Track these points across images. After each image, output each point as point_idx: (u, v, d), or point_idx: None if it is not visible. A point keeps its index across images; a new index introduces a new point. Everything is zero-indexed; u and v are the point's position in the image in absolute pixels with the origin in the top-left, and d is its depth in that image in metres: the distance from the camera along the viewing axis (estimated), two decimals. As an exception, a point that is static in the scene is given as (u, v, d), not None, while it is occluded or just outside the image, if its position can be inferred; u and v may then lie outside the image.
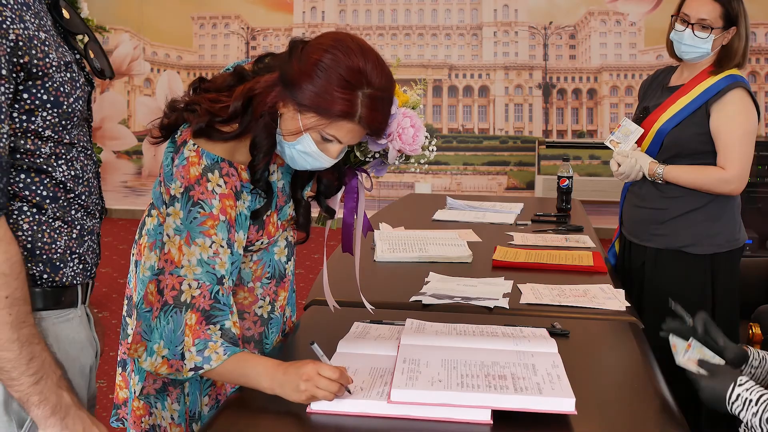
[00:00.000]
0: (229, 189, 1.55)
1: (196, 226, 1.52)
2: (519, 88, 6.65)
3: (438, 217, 3.24)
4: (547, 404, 1.38)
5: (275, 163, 1.66)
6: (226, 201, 1.54)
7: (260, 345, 1.74)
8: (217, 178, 1.53)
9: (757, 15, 6.29)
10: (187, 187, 1.52)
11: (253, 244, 1.65)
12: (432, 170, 6.77)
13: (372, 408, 1.40)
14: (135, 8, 6.65)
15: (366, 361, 1.57)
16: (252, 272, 1.71)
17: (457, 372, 1.47)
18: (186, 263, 1.52)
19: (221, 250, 1.53)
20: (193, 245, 1.52)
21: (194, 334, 1.49)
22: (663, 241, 2.57)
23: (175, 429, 1.69)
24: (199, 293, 1.51)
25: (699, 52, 2.51)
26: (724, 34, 2.49)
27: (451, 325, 1.77)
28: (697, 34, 2.48)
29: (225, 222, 1.54)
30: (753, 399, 1.40)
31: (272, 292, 1.75)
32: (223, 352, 1.48)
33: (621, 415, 1.45)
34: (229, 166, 1.56)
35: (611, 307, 2.02)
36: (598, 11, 6.40)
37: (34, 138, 1.24)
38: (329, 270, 1.89)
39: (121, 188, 7.17)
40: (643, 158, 2.52)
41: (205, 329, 1.50)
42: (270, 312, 1.75)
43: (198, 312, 1.50)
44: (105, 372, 3.96)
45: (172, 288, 1.51)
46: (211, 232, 1.53)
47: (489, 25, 6.64)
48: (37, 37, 1.21)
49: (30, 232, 1.26)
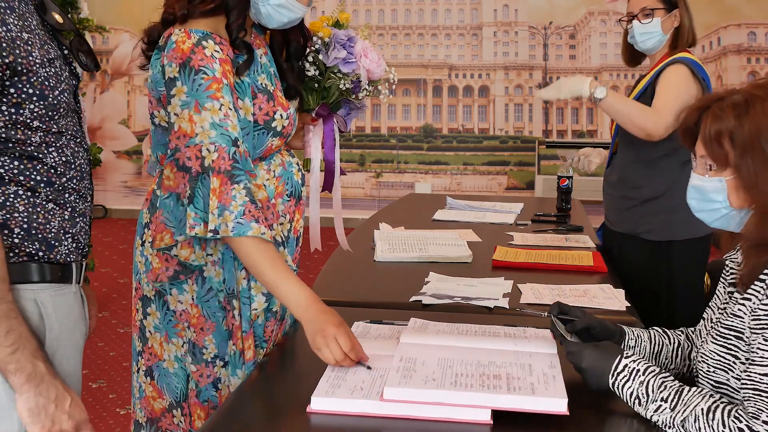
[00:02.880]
0: (225, 55, 1.63)
1: (202, 92, 1.58)
2: (519, 88, 6.66)
3: (438, 217, 3.24)
4: (538, 404, 1.38)
5: (259, 47, 1.77)
6: (225, 65, 1.62)
7: None
8: (213, 45, 1.62)
9: (757, 15, 6.30)
10: (184, 62, 1.60)
11: (273, 118, 1.71)
12: (432, 170, 6.78)
13: (370, 407, 1.40)
14: (135, 8, 6.65)
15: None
16: (275, 189, 1.77)
17: (453, 371, 1.47)
18: (200, 130, 1.57)
19: (230, 113, 1.60)
20: (203, 111, 1.58)
21: (218, 198, 1.56)
22: (626, 227, 2.66)
23: (194, 310, 1.74)
24: (218, 156, 1.57)
25: (652, 36, 2.61)
26: (670, 16, 2.60)
27: (453, 325, 1.78)
28: (643, 21, 2.60)
29: (228, 86, 1.61)
30: (640, 369, 1.41)
31: (291, 210, 1.81)
32: (232, 228, 1.55)
33: (620, 415, 1.45)
34: (220, 38, 1.64)
35: (611, 307, 2.03)
36: (598, 11, 6.40)
37: (23, 128, 1.35)
38: (329, 270, 1.89)
39: (121, 188, 7.18)
40: (585, 80, 2.53)
41: (230, 190, 1.56)
42: (288, 231, 1.81)
43: (220, 174, 1.57)
44: (105, 372, 3.96)
45: (196, 157, 1.58)
46: (218, 95, 1.59)
47: (489, 25, 6.65)
48: (20, 37, 1.32)
49: (25, 214, 1.37)
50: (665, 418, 1.35)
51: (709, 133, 1.40)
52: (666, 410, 1.35)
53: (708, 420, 1.30)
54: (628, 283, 2.33)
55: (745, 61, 6.37)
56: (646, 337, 1.65)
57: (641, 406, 1.39)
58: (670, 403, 1.35)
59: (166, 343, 1.78)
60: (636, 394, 1.39)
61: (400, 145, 6.86)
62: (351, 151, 6.88)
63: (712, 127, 1.40)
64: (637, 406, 1.39)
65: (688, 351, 1.64)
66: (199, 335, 1.74)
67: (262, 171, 1.75)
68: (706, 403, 1.32)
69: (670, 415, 1.34)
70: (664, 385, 1.37)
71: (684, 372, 1.64)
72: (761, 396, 1.29)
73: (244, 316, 1.75)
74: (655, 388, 1.38)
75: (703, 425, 1.30)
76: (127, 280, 5.02)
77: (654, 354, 1.65)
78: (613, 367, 1.43)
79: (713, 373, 1.44)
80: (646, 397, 1.38)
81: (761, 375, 1.30)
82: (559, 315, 1.64)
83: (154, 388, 1.81)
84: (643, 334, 1.66)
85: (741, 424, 1.27)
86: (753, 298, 1.37)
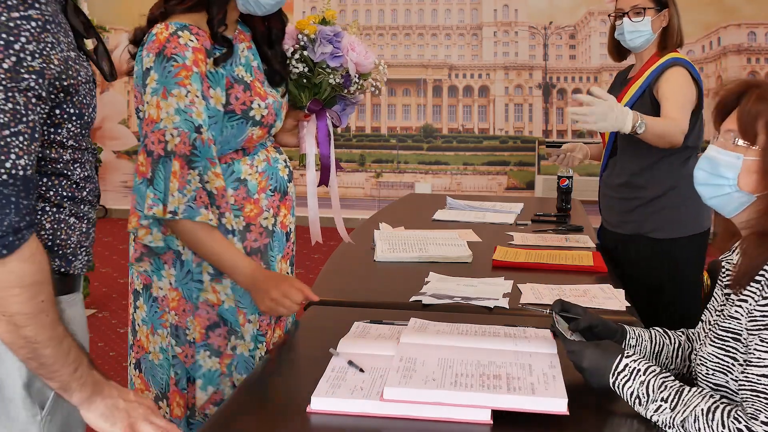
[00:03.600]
0: (200, 45, 1.68)
1: (171, 78, 1.64)
2: (519, 88, 6.66)
3: (438, 217, 3.24)
4: (538, 404, 1.38)
5: (242, 42, 1.82)
6: (198, 54, 1.67)
7: (266, 257, 1.83)
8: (188, 35, 1.68)
9: (757, 15, 6.30)
10: (159, 51, 1.66)
11: (250, 107, 1.75)
12: (432, 170, 6.78)
13: (370, 407, 1.40)
14: (135, 8, 6.64)
15: (366, 361, 1.57)
16: (257, 183, 1.82)
17: (453, 371, 1.47)
18: (165, 115, 1.64)
19: (197, 100, 1.66)
20: (170, 97, 1.64)
21: (178, 181, 1.63)
22: (630, 228, 2.67)
23: (173, 293, 1.79)
24: (180, 140, 1.64)
25: (642, 35, 2.63)
26: (660, 16, 2.62)
27: (453, 325, 1.78)
28: (634, 19, 2.61)
29: (198, 74, 1.66)
30: (641, 369, 1.41)
31: (275, 205, 1.85)
32: (183, 210, 1.63)
33: (620, 415, 1.45)
34: (198, 29, 1.70)
35: (611, 307, 2.02)
36: (598, 11, 6.40)
37: (58, 147, 1.32)
38: (329, 270, 1.89)
39: (121, 188, 7.19)
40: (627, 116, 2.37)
41: (186, 174, 1.64)
42: (273, 225, 1.85)
43: (180, 158, 1.64)
44: (105, 372, 3.96)
45: (159, 141, 1.65)
46: (186, 82, 1.65)
47: (489, 25, 6.65)
48: (70, 57, 1.28)
49: (51, 231, 1.34)
50: (665, 418, 1.35)
51: (749, 111, 1.40)
52: (666, 410, 1.35)
53: (708, 420, 1.30)
54: (630, 283, 2.33)
55: (745, 61, 6.37)
56: (646, 337, 1.66)
57: (641, 405, 1.39)
58: (671, 403, 1.35)
59: (151, 335, 1.82)
60: (636, 393, 1.39)
61: (400, 145, 6.87)
62: (351, 151, 6.88)
63: (755, 107, 1.40)
64: (638, 405, 1.39)
65: (688, 351, 1.64)
66: (181, 317, 1.78)
67: (245, 166, 1.80)
68: (706, 403, 1.32)
69: (670, 415, 1.34)
70: (665, 385, 1.37)
71: (684, 372, 1.64)
72: (759, 396, 1.29)
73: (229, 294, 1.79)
74: (655, 388, 1.38)
75: (702, 426, 1.30)
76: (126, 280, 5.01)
77: (654, 354, 1.65)
78: (613, 367, 1.43)
79: (712, 375, 1.44)
80: (647, 397, 1.38)
81: (758, 376, 1.30)
82: (560, 312, 1.64)
83: (142, 381, 1.85)
84: (643, 333, 1.66)
85: (740, 425, 1.27)
86: (749, 299, 1.37)
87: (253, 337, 1.83)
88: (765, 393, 1.29)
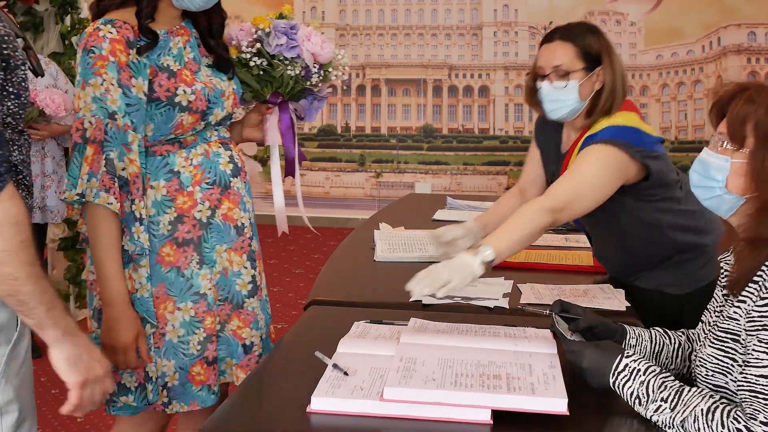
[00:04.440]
0: (120, 36, 1.75)
1: (89, 68, 1.73)
2: (519, 88, 6.65)
3: (438, 217, 3.23)
4: (539, 404, 1.38)
5: (180, 36, 1.87)
6: (117, 45, 1.74)
7: (199, 248, 1.87)
8: (109, 28, 1.75)
9: (757, 15, 6.30)
10: (83, 46, 1.75)
11: (175, 94, 1.81)
12: (432, 170, 6.78)
13: (370, 407, 1.40)
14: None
15: (366, 361, 1.57)
16: (192, 176, 1.86)
17: (453, 371, 1.47)
18: (83, 105, 1.73)
19: (112, 88, 1.73)
20: (87, 87, 1.73)
21: (90, 165, 1.71)
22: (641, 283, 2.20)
23: None
24: (95, 127, 1.72)
25: (566, 106, 2.06)
26: (591, 77, 2.04)
27: (453, 325, 1.78)
28: (555, 84, 2.04)
29: (114, 63, 1.73)
30: (641, 369, 1.41)
31: (214, 198, 1.89)
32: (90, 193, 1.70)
33: (620, 415, 1.45)
34: (123, 23, 1.77)
35: (611, 307, 2.02)
36: (598, 11, 6.40)
37: None
38: (329, 270, 1.89)
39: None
40: (469, 261, 1.73)
41: (100, 159, 1.72)
42: (210, 217, 1.88)
43: (95, 144, 1.72)
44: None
45: (77, 130, 1.73)
46: (102, 72, 1.73)
47: (489, 25, 6.65)
48: (9, 34, 1.41)
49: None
50: (665, 418, 1.35)
51: (737, 114, 1.40)
52: (666, 410, 1.35)
53: (707, 421, 1.30)
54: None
55: (745, 61, 6.37)
56: (646, 337, 1.66)
57: (641, 405, 1.39)
58: (670, 404, 1.35)
59: (91, 320, 1.91)
60: (636, 393, 1.39)
61: (400, 145, 6.86)
62: (351, 151, 6.88)
63: (743, 110, 1.40)
64: (638, 405, 1.39)
65: (688, 352, 1.64)
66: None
67: (180, 158, 1.85)
68: (705, 403, 1.32)
69: (670, 416, 1.34)
70: (665, 385, 1.37)
71: (684, 373, 1.64)
72: (758, 397, 1.29)
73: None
74: (655, 388, 1.38)
75: (702, 426, 1.30)
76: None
77: (654, 354, 1.65)
78: (613, 367, 1.43)
79: (712, 376, 1.44)
80: (647, 397, 1.38)
81: (757, 376, 1.30)
82: (560, 313, 1.65)
83: None
84: (644, 333, 1.66)
85: (739, 425, 1.27)
86: (748, 300, 1.37)
87: (184, 324, 1.86)
88: (764, 393, 1.29)
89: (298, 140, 2.15)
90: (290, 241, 5.87)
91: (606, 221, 2.12)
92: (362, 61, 6.68)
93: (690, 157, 5.81)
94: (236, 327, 1.94)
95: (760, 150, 1.38)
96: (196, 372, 1.87)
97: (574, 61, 2.04)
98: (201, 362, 1.88)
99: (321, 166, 6.81)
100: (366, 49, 6.68)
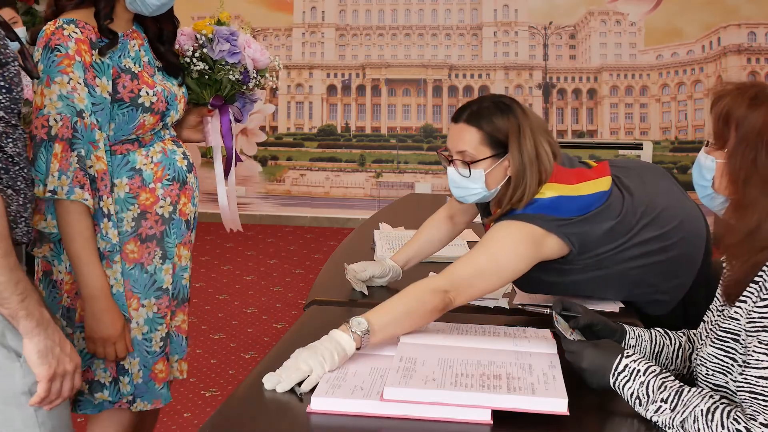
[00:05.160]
0: (84, 37, 1.78)
1: (54, 67, 1.74)
2: (519, 88, 6.65)
3: (438, 217, 3.23)
4: (539, 404, 1.38)
5: (135, 39, 1.91)
6: (82, 45, 1.77)
7: (162, 243, 1.91)
8: (73, 28, 1.77)
9: (757, 15, 6.30)
10: (46, 44, 1.75)
11: (138, 95, 1.84)
12: (432, 170, 6.78)
13: (370, 407, 1.40)
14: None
15: (366, 361, 1.57)
16: (153, 173, 1.90)
17: (453, 371, 1.47)
18: (48, 102, 1.74)
19: (79, 87, 1.75)
20: (53, 84, 1.74)
21: (59, 162, 1.72)
22: None
23: (68, 277, 1.85)
24: (62, 124, 1.73)
25: (473, 194, 1.91)
26: (502, 163, 1.86)
27: (453, 325, 1.78)
28: (461, 171, 1.88)
29: (80, 63, 1.76)
30: (641, 369, 1.41)
31: (174, 194, 1.93)
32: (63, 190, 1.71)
33: (620, 415, 1.45)
34: (85, 24, 1.79)
35: (605, 308, 2.02)
36: (598, 11, 6.40)
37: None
38: (329, 270, 1.89)
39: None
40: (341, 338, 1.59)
41: (69, 156, 1.73)
42: (171, 213, 1.92)
43: (62, 141, 1.73)
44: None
45: (42, 126, 1.73)
46: (68, 70, 1.74)
47: (489, 25, 6.65)
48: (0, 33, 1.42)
49: None
50: (665, 418, 1.35)
51: (722, 111, 1.41)
52: (666, 411, 1.35)
53: (707, 421, 1.30)
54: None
55: (745, 61, 6.37)
56: (646, 337, 1.65)
57: (641, 406, 1.39)
58: (670, 404, 1.35)
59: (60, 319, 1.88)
60: (636, 394, 1.39)
61: (400, 145, 6.86)
62: (351, 151, 6.88)
63: (727, 107, 1.40)
64: (638, 406, 1.39)
65: (689, 352, 1.64)
66: (73, 300, 1.85)
67: (140, 156, 1.88)
68: (705, 404, 1.32)
69: (670, 416, 1.34)
70: (665, 386, 1.37)
71: (684, 373, 1.64)
72: (758, 398, 1.29)
73: None
74: (655, 388, 1.38)
75: (702, 426, 1.30)
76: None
77: (654, 354, 1.65)
78: (613, 367, 1.43)
79: (712, 376, 1.44)
80: (647, 398, 1.38)
81: (757, 377, 1.30)
82: (561, 312, 1.65)
83: None
84: (643, 333, 1.66)
85: (739, 426, 1.27)
86: (748, 300, 1.37)
87: (147, 321, 1.89)
88: (763, 395, 1.29)
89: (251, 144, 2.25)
90: (290, 241, 5.86)
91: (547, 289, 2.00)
92: (362, 61, 6.68)
93: (690, 158, 5.81)
94: (181, 321, 2.00)
95: (737, 149, 1.38)
96: (158, 369, 1.91)
97: (479, 148, 1.86)
98: (162, 359, 1.92)
99: (321, 166, 6.81)
100: (366, 49, 6.68)
